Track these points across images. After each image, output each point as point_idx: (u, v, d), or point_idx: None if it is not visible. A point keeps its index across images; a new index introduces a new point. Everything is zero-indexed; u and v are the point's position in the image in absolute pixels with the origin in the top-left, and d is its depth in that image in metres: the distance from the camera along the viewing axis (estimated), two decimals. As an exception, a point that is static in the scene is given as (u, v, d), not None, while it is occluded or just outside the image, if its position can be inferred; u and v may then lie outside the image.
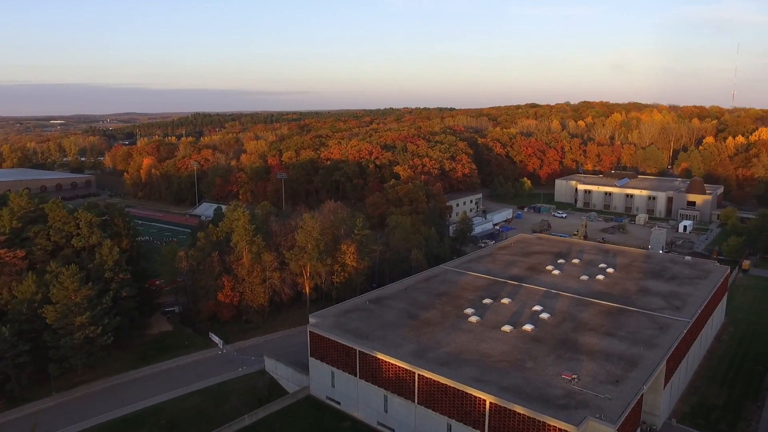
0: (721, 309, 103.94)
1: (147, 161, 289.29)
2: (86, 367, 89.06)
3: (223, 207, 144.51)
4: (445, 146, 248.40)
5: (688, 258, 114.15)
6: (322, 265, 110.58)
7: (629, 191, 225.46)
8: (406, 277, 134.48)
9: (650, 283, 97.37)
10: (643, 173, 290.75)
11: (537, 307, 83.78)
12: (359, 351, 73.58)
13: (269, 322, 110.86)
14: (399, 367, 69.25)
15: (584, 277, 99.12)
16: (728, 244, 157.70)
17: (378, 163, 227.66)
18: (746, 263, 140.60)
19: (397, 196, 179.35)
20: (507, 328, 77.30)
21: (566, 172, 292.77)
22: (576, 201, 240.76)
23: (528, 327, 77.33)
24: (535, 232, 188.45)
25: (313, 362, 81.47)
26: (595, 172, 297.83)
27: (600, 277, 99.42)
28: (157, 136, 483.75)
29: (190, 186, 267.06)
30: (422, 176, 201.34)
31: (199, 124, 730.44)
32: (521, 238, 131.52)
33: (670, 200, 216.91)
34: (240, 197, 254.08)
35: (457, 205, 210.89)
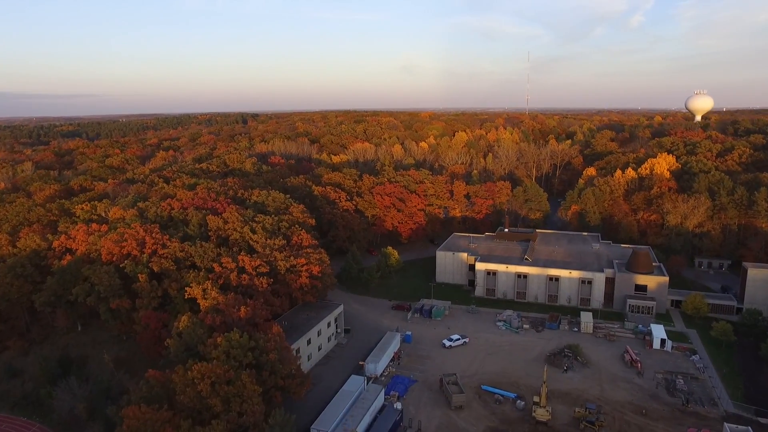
0: None
1: None
2: None
3: None
4: (273, 217, 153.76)
5: None
6: None
7: (552, 272, 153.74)
8: None
9: None
10: (525, 218, 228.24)
11: None
12: None
13: None
14: None
15: None
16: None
17: (157, 268, 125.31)
18: None
19: (195, 393, 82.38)
20: None
21: (433, 225, 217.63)
22: (473, 285, 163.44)
23: None
24: (458, 407, 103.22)
25: None
26: (464, 219, 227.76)
27: None
28: None
29: None
30: (242, 307, 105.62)
31: None
32: None
33: (610, 283, 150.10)
34: None
35: (309, 341, 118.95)
